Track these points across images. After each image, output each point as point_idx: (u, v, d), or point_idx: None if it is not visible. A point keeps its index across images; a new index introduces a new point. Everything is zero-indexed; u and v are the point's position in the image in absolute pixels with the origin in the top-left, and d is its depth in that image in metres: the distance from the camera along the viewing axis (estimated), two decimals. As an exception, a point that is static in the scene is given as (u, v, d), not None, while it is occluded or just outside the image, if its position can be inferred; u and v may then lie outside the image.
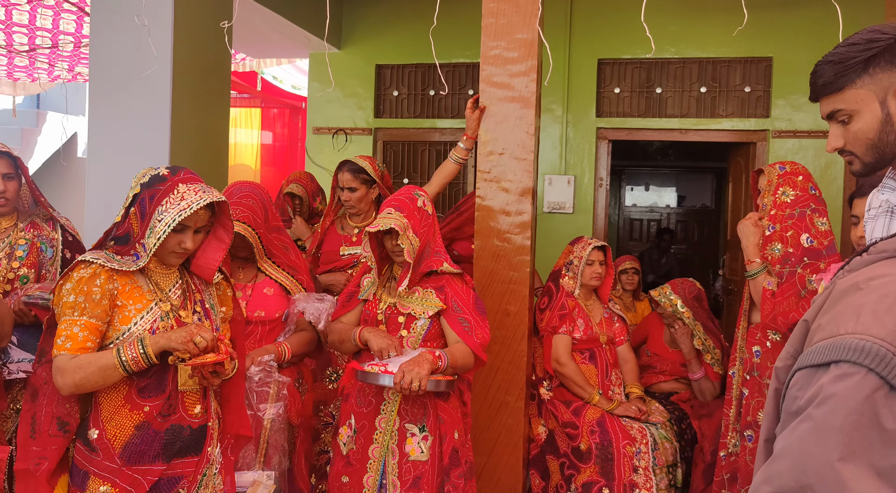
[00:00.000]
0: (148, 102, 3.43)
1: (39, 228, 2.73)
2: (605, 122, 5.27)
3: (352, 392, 2.54)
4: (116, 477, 1.89)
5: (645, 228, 9.78)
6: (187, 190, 1.92)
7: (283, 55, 6.38)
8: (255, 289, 2.62)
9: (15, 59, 5.97)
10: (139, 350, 1.86)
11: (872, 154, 1.48)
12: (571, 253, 3.52)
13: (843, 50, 1.45)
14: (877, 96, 1.44)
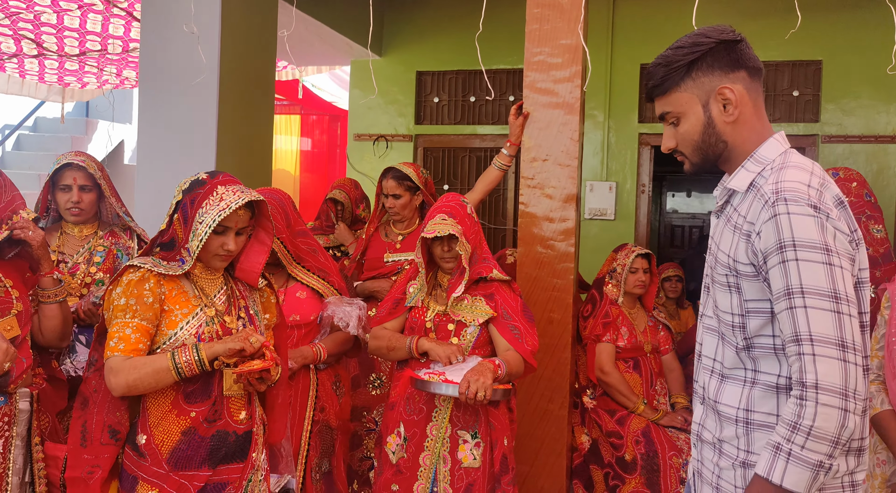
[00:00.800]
0: (195, 110, 3.49)
1: (117, 237, 2.83)
2: (647, 127, 5.21)
3: (398, 400, 2.53)
4: (164, 482, 1.90)
5: (686, 234, 9.63)
6: (226, 191, 1.95)
7: (324, 63, 6.44)
8: (288, 294, 2.64)
9: (66, 64, 6.12)
10: (194, 356, 1.88)
11: (698, 155, 1.53)
12: (615, 261, 3.48)
13: (670, 53, 1.50)
14: (700, 100, 1.48)
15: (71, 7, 4.63)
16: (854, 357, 1.32)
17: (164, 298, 1.94)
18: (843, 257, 1.35)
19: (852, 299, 1.35)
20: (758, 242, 1.39)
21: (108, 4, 4.60)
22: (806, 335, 1.33)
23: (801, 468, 1.32)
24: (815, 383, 1.32)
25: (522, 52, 3.11)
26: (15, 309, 2.24)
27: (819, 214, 1.35)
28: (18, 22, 4.96)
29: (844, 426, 1.31)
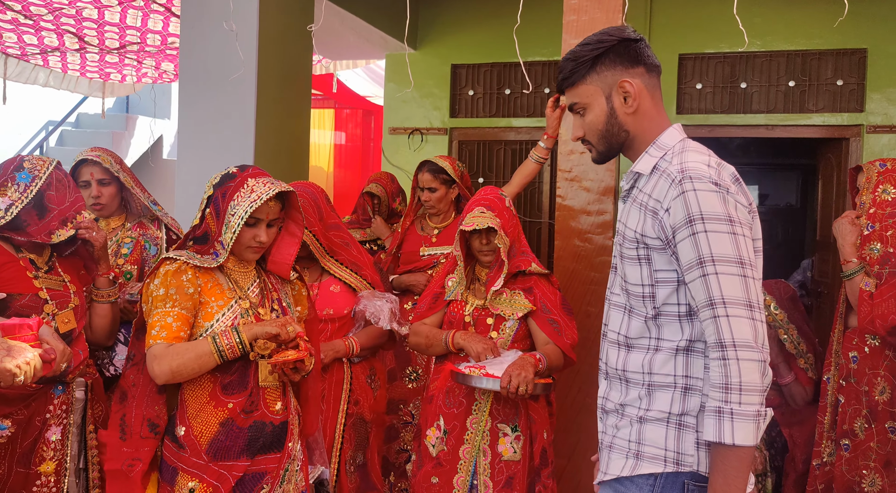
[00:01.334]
0: (234, 105, 3.53)
1: (145, 228, 2.88)
2: (685, 119, 5.12)
3: (437, 394, 2.54)
4: (204, 473, 1.94)
5: (725, 227, 9.48)
6: (256, 183, 1.99)
7: (359, 57, 6.46)
8: (322, 287, 2.66)
9: (106, 57, 6.23)
10: (235, 338, 1.92)
11: (603, 144, 1.67)
12: None
13: (578, 48, 1.65)
14: (603, 92, 1.62)
15: (112, 3, 4.71)
16: (760, 314, 1.47)
17: (200, 290, 1.98)
18: (744, 226, 1.49)
19: (754, 263, 1.49)
20: (667, 218, 1.52)
21: (148, 0, 4.68)
22: (719, 299, 1.45)
23: (745, 423, 1.42)
24: (732, 342, 1.44)
25: (559, 43, 3.08)
26: (72, 303, 2.33)
27: (720, 189, 1.48)
28: (61, 17, 5.06)
29: (765, 374, 1.45)
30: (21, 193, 2.26)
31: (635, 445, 1.58)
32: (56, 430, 2.24)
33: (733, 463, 1.44)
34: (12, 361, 1.67)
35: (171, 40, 5.61)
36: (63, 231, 2.29)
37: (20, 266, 2.26)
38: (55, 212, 2.29)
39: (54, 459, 2.22)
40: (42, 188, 2.28)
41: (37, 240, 2.25)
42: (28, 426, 2.19)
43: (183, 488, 1.94)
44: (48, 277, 2.32)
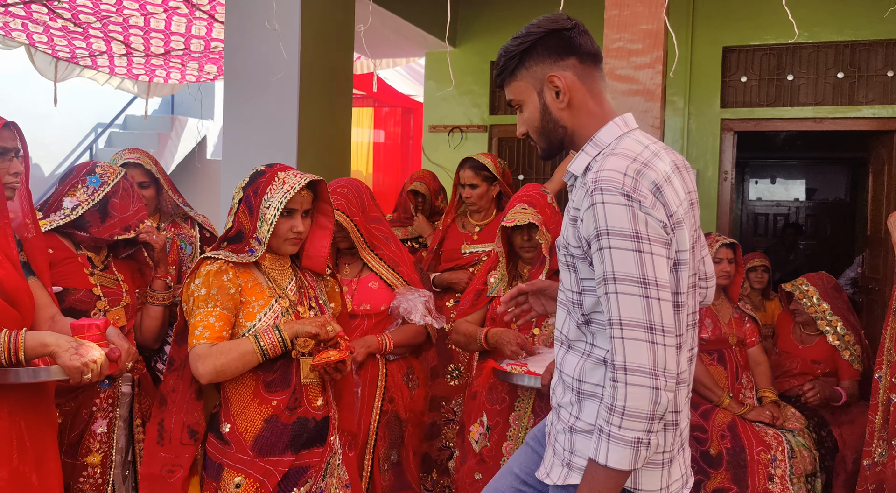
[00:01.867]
0: (277, 105, 3.58)
1: (179, 227, 2.92)
2: (730, 112, 5.04)
3: (480, 390, 2.54)
4: (250, 468, 1.96)
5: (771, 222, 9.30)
6: (287, 175, 2.03)
7: (399, 55, 6.49)
8: (360, 283, 2.67)
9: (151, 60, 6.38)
10: (276, 337, 1.94)
11: (543, 140, 1.60)
12: None
13: (509, 43, 1.58)
14: (534, 87, 1.55)
15: (157, 11, 4.82)
16: (663, 338, 1.38)
17: (241, 289, 2.00)
18: (654, 243, 1.40)
19: (663, 283, 1.40)
20: (582, 227, 1.46)
21: (192, 7, 4.76)
22: (617, 320, 1.40)
23: (620, 447, 1.38)
24: (623, 365, 1.38)
25: (600, 39, 3.05)
26: (124, 301, 2.42)
27: (631, 202, 1.39)
28: (109, 24, 5.19)
29: (657, 402, 1.37)
30: (89, 195, 2.37)
31: (568, 454, 1.56)
32: (102, 423, 2.31)
33: (601, 482, 1.41)
34: (81, 359, 1.74)
35: (213, 44, 5.72)
36: (124, 235, 2.41)
37: (78, 263, 2.36)
38: (116, 219, 2.39)
39: (100, 451, 2.30)
40: (108, 194, 2.39)
41: (97, 236, 2.36)
42: (75, 418, 2.27)
43: (229, 483, 1.96)
44: (103, 275, 2.41)
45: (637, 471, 1.47)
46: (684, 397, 1.53)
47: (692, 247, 1.51)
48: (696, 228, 1.56)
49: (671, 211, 1.44)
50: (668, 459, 1.51)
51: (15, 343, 1.71)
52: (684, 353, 1.50)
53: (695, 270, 1.54)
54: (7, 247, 1.89)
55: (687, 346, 1.53)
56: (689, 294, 1.52)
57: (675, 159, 1.56)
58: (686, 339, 1.52)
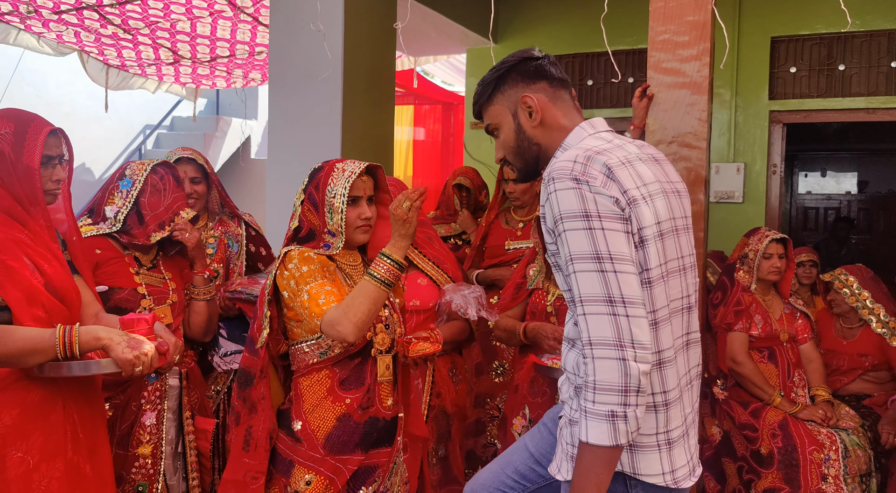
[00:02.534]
0: (321, 105, 3.61)
1: (226, 225, 2.97)
2: (779, 104, 4.92)
3: (522, 383, 2.54)
4: (321, 466, 1.97)
5: (821, 217, 9.06)
6: (345, 164, 2.06)
7: (439, 52, 6.49)
8: (409, 280, 2.69)
9: (198, 69, 6.50)
10: (388, 262, 1.91)
11: (519, 160, 1.71)
12: (747, 246, 3.32)
13: (487, 74, 1.72)
14: (509, 109, 1.68)
15: (203, 14, 4.91)
16: (625, 309, 1.41)
17: (334, 276, 2.02)
18: (605, 219, 1.44)
19: (620, 256, 1.43)
20: (547, 221, 1.53)
21: (237, 10, 4.84)
22: (579, 297, 1.44)
23: (597, 422, 1.40)
24: (588, 340, 1.42)
25: (643, 32, 3.01)
26: (170, 299, 2.46)
27: (579, 185, 1.46)
28: (157, 30, 5.30)
29: (627, 373, 1.39)
30: (124, 199, 2.41)
31: (571, 447, 1.57)
32: (151, 415, 2.37)
33: (589, 459, 1.43)
34: (133, 352, 1.78)
35: (258, 50, 5.80)
36: (158, 233, 2.42)
37: (124, 262, 2.42)
38: (149, 217, 2.41)
39: (150, 442, 2.36)
40: (138, 195, 2.42)
41: (138, 242, 2.40)
42: (125, 411, 2.33)
43: (299, 480, 1.97)
44: (149, 274, 2.46)
45: (633, 455, 1.50)
46: (674, 378, 1.52)
47: (671, 231, 1.55)
48: (679, 216, 1.60)
49: (625, 188, 1.48)
50: (665, 441, 1.52)
51: (69, 337, 1.76)
52: (664, 332, 1.51)
53: (678, 254, 1.58)
54: (54, 247, 1.95)
55: (676, 327, 1.55)
56: (676, 275, 1.55)
57: (651, 152, 1.65)
58: (672, 319, 1.53)
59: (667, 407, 1.52)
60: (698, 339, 1.68)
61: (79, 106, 8.90)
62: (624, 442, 1.40)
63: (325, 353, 2.01)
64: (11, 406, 1.76)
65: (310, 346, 2.02)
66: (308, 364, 2.03)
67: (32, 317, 1.80)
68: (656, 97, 2.97)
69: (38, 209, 1.92)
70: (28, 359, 1.73)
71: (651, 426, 1.50)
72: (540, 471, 1.83)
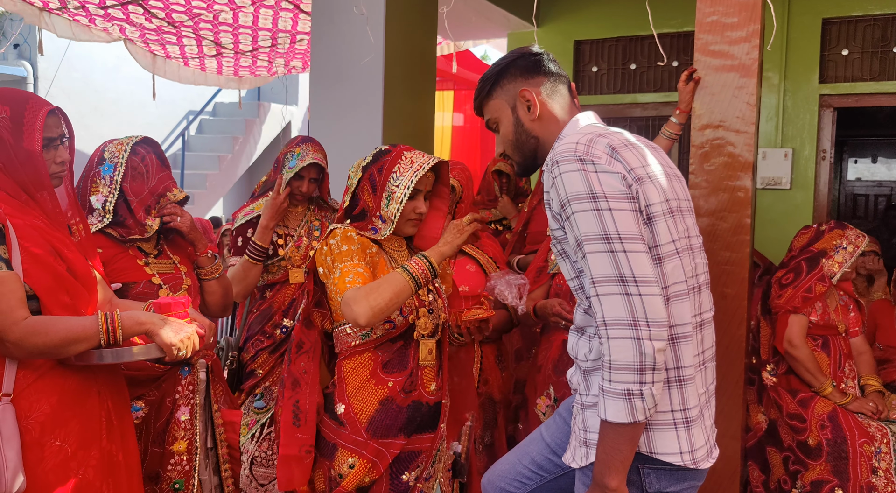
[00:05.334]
0: (363, 90, 3.62)
1: (325, 211, 3.04)
2: (829, 88, 4.78)
3: (546, 363, 2.54)
4: (363, 450, 1.97)
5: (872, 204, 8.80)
6: (414, 155, 2.03)
7: (481, 37, 6.45)
8: (458, 265, 2.69)
9: (241, 60, 6.57)
10: (425, 263, 1.92)
11: (518, 154, 1.74)
12: (843, 238, 3.20)
13: (485, 72, 1.75)
14: (508, 104, 1.71)
15: (245, 3, 4.94)
16: (637, 288, 1.41)
17: (376, 258, 2.01)
18: (612, 199, 1.45)
19: (629, 234, 1.44)
20: (553, 206, 1.54)
21: (279, -1, 4.87)
22: (591, 278, 1.45)
23: (614, 400, 1.42)
24: (603, 320, 1.43)
25: (687, 14, 2.95)
26: (185, 284, 2.36)
27: (584, 165, 1.47)
28: (200, 23, 5.36)
29: (641, 352, 1.39)
30: (108, 187, 2.23)
31: (583, 432, 1.58)
32: (185, 410, 2.26)
33: (611, 438, 1.45)
34: (176, 335, 1.77)
35: (299, 38, 5.83)
36: (150, 220, 2.25)
37: (129, 255, 2.27)
38: (135, 203, 2.25)
39: (185, 438, 2.25)
40: (120, 180, 2.24)
41: (135, 235, 2.24)
42: (160, 407, 2.23)
43: (343, 463, 1.98)
44: (158, 261, 2.33)
45: (649, 433, 1.50)
46: (690, 355, 1.53)
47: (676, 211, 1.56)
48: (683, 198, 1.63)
49: (631, 167, 1.49)
50: (683, 420, 1.52)
51: (112, 323, 1.73)
52: (679, 307, 1.51)
53: (686, 233, 1.59)
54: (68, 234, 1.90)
55: (689, 306, 1.54)
56: (684, 254, 1.55)
57: (648, 143, 1.65)
58: (683, 295, 1.53)
59: (681, 383, 1.53)
60: (711, 319, 1.68)
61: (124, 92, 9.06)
62: (642, 419, 1.42)
63: (367, 335, 2.02)
64: (50, 393, 1.72)
65: (352, 328, 2.02)
66: (351, 346, 2.03)
67: (60, 304, 1.75)
68: (703, 80, 2.91)
69: (46, 194, 1.84)
70: (71, 348, 1.69)
71: (666, 402, 1.51)
72: (556, 461, 1.84)
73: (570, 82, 1.77)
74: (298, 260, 2.87)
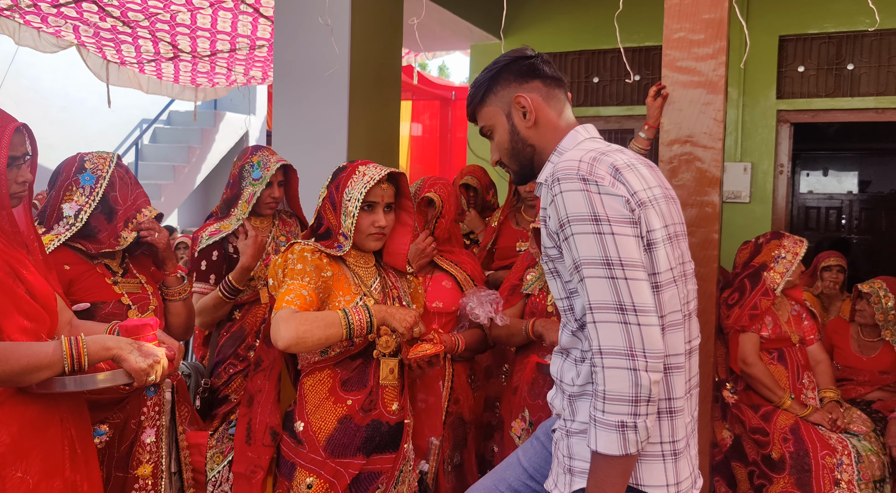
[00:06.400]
0: (328, 100, 3.56)
1: (288, 225, 2.92)
2: (786, 103, 4.89)
3: (521, 385, 2.51)
4: (321, 469, 1.94)
5: (823, 216, 9.04)
6: (367, 168, 2.01)
7: (444, 48, 6.45)
8: (433, 281, 2.65)
9: (198, 65, 6.43)
10: (366, 316, 1.88)
11: (514, 162, 1.66)
12: (781, 248, 3.23)
13: (479, 75, 1.68)
14: (503, 110, 1.63)
15: (203, 5, 4.83)
16: (636, 318, 1.36)
17: (331, 282, 1.97)
18: (615, 223, 1.39)
19: (630, 261, 1.38)
20: (550, 223, 1.48)
21: (237, 1, 4.77)
22: (588, 304, 1.40)
23: (606, 432, 1.37)
24: (599, 349, 1.38)
25: (649, 29, 2.97)
26: (152, 305, 2.28)
27: (587, 185, 1.41)
28: (156, 23, 5.23)
29: (637, 384, 1.35)
30: (87, 196, 2.17)
31: (568, 459, 1.54)
32: (150, 432, 2.18)
33: (603, 470, 1.40)
34: (145, 360, 1.69)
35: (259, 43, 5.73)
36: (126, 233, 2.20)
37: (97, 273, 2.19)
38: (120, 212, 2.20)
39: (150, 461, 2.17)
40: (107, 189, 2.19)
41: (107, 248, 2.18)
42: (124, 430, 2.14)
43: (301, 483, 1.95)
44: (126, 280, 2.26)
45: (637, 465, 1.46)
46: (681, 385, 1.50)
47: (673, 237, 1.51)
48: (678, 222, 1.57)
49: (634, 190, 1.44)
50: (671, 452, 1.49)
51: (77, 349, 1.64)
52: (674, 336, 1.47)
53: (681, 260, 1.54)
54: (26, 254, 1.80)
55: (682, 335, 1.51)
56: (679, 281, 1.50)
57: (646, 161, 1.60)
58: (678, 324, 1.49)
59: (672, 415, 1.49)
60: (697, 347, 1.64)
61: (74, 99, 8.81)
62: (634, 452, 1.37)
63: (325, 351, 1.99)
64: (10, 423, 1.62)
65: None
66: (311, 363, 2.01)
67: (19, 328, 1.65)
68: (671, 96, 2.92)
69: (5, 213, 1.75)
70: (34, 376, 1.60)
71: (656, 434, 1.47)
72: (534, 486, 1.79)
73: (566, 86, 1.70)
74: None
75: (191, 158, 9.64)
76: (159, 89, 6.76)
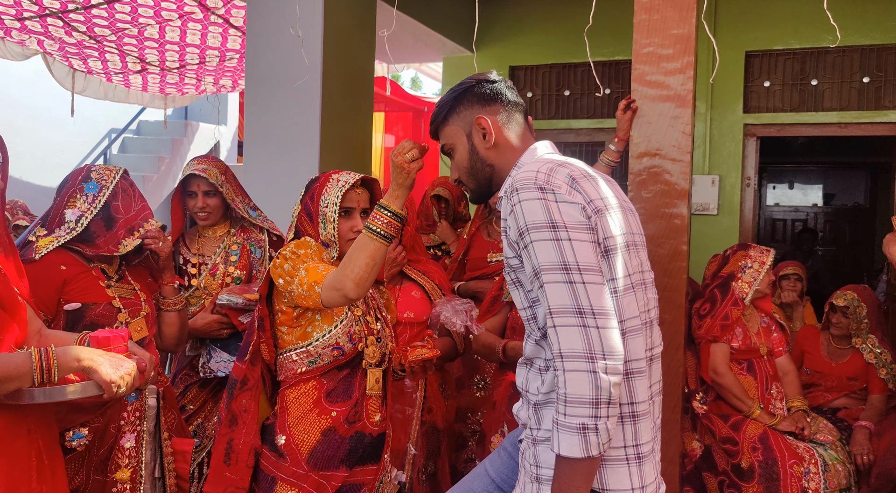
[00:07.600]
0: (300, 111, 3.54)
1: (249, 232, 2.89)
2: (753, 117, 4.98)
3: (500, 400, 2.51)
4: (303, 482, 1.92)
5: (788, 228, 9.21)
6: (340, 175, 2.04)
7: (417, 60, 6.47)
8: (403, 292, 2.65)
9: (167, 77, 6.36)
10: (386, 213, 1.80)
11: (472, 181, 1.71)
12: (748, 258, 3.28)
13: (444, 94, 1.74)
14: (464, 130, 1.69)
15: (172, 17, 4.78)
16: (595, 321, 1.39)
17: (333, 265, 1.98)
18: (572, 230, 1.44)
19: (588, 266, 1.42)
20: (511, 234, 1.51)
21: (207, 13, 4.73)
22: (548, 309, 1.42)
23: (568, 434, 1.39)
24: (559, 352, 1.40)
25: (622, 44, 3.01)
26: (143, 311, 2.35)
27: (545, 194, 1.45)
28: (124, 37, 5.16)
29: (597, 386, 1.37)
30: (90, 203, 2.27)
31: (534, 468, 1.55)
32: (130, 437, 2.20)
33: (565, 472, 1.42)
34: (116, 372, 1.67)
35: (229, 55, 5.69)
36: (129, 240, 2.29)
37: (93, 276, 2.27)
38: (121, 221, 2.29)
39: (129, 466, 2.19)
40: (109, 199, 2.29)
41: (104, 253, 2.26)
42: (104, 434, 2.17)
43: None
44: (119, 286, 2.33)
45: (601, 468, 1.47)
46: (643, 390, 1.52)
47: (631, 245, 1.54)
48: (637, 232, 1.61)
49: (590, 198, 1.49)
50: (635, 455, 1.50)
51: (47, 360, 1.62)
52: (634, 342, 1.49)
53: (639, 268, 1.58)
54: None
55: (642, 341, 1.53)
56: (638, 288, 1.54)
57: (604, 175, 1.64)
58: (637, 330, 1.52)
59: (635, 419, 1.51)
60: (660, 354, 1.67)
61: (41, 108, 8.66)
62: (596, 454, 1.39)
63: (314, 362, 1.97)
64: None
65: (298, 354, 1.97)
66: (296, 373, 1.98)
67: None
68: (640, 109, 2.95)
69: None
70: (2, 387, 1.56)
71: (619, 438, 1.49)
72: None
73: (527, 111, 1.75)
74: (216, 289, 2.73)
75: (161, 167, 9.53)
76: (127, 98, 6.68)
